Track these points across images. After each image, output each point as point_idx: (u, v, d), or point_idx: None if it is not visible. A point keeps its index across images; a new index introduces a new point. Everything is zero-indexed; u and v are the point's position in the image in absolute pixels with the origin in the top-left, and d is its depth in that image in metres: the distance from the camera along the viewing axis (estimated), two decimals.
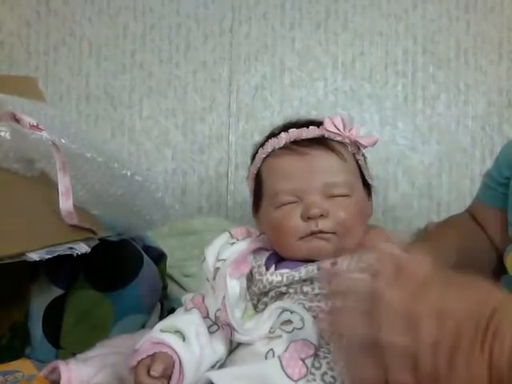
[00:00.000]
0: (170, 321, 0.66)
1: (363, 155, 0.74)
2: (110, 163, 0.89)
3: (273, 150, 0.71)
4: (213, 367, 0.64)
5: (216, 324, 0.65)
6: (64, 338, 0.90)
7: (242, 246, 0.69)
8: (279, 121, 1.49)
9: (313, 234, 0.66)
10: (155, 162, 1.49)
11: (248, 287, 0.66)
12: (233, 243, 0.69)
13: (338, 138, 0.69)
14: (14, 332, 0.89)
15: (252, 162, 0.74)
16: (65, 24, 1.51)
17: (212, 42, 1.50)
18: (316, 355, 0.59)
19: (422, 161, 1.47)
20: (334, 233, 0.66)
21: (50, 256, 0.73)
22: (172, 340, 0.61)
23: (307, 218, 0.66)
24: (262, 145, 0.74)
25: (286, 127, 0.73)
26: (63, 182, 0.81)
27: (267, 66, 1.49)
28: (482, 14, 1.47)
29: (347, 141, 0.69)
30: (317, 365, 0.59)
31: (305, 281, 0.65)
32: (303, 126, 0.71)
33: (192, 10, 1.50)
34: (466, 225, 0.99)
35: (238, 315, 0.63)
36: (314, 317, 0.62)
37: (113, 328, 0.92)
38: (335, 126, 0.69)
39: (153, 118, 1.50)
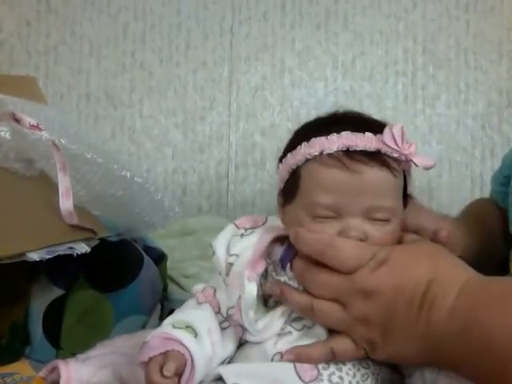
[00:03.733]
0: (181, 315, 0.64)
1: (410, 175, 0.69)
2: (109, 164, 0.89)
3: (320, 154, 0.62)
4: (222, 363, 0.63)
5: (227, 320, 0.64)
6: (64, 339, 0.90)
7: (254, 239, 0.64)
8: (279, 120, 1.51)
9: None
10: (155, 161, 1.49)
11: (261, 284, 0.64)
12: (242, 235, 0.66)
13: (395, 155, 0.62)
14: (13, 332, 0.89)
15: (290, 150, 0.66)
16: (65, 24, 1.51)
17: (212, 41, 1.50)
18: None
19: None
20: None
21: (50, 256, 0.73)
22: (184, 337, 0.60)
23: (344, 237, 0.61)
24: (305, 137, 0.65)
25: (337, 123, 0.63)
26: (63, 182, 0.81)
27: (267, 66, 1.49)
28: (482, 13, 1.47)
29: (403, 158, 0.62)
30: (325, 365, 0.59)
31: None
32: (358, 129, 0.62)
33: (192, 10, 1.50)
34: (489, 204, 0.99)
35: (251, 316, 0.61)
36: None
37: (113, 328, 0.92)
38: (394, 140, 0.61)
39: (153, 117, 1.50)
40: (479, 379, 0.52)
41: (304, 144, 0.64)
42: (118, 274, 0.93)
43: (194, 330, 0.61)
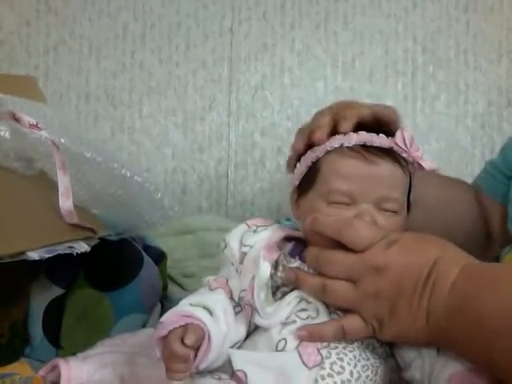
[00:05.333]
0: (197, 297, 0.66)
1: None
2: (109, 163, 0.89)
3: (340, 146, 0.69)
4: (232, 347, 0.65)
5: (239, 305, 0.66)
6: (64, 338, 0.90)
7: (267, 233, 0.69)
8: (279, 120, 1.51)
9: None
10: (155, 161, 1.49)
11: (271, 275, 0.66)
12: (255, 231, 0.70)
13: (404, 155, 0.69)
14: (13, 331, 0.89)
15: (311, 148, 0.72)
16: (65, 23, 1.51)
17: (212, 41, 1.50)
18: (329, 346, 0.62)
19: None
20: None
21: (50, 255, 0.73)
22: (201, 314, 0.61)
23: None
24: (328, 145, 0.71)
25: (355, 127, 0.71)
26: (63, 181, 0.81)
27: (267, 66, 1.49)
28: (482, 13, 1.47)
29: (411, 159, 0.69)
30: (327, 354, 0.61)
31: None
32: (373, 130, 0.70)
33: (192, 10, 1.50)
34: (462, 188, 1.01)
35: (262, 297, 0.64)
36: (329, 311, 0.65)
37: (113, 328, 0.92)
38: (404, 143, 0.69)
39: (153, 117, 1.50)
40: (471, 356, 0.56)
41: (324, 146, 0.70)
42: (117, 274, 0.93)
43: (210, 310, 0.62)
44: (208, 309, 0.62)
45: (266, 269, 0.64)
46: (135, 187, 0.91)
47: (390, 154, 0.68)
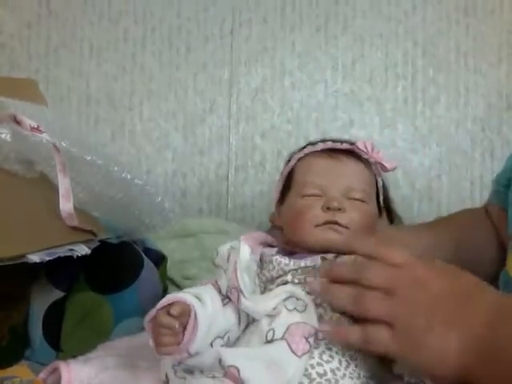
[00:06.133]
0: (187, 289, 0.69)
1: (384, 186, 0.84)
2: (109, 166, 0.89)
3: (310, 152, 0.80)
4: (222, 338, 0.66)
5: (228, 298, 0.68)
6: (64, 341, 0.90)
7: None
8: (279, 123, 1.51)
9: (328, 223, 0.74)
10: (155, 164, 1.49)
11: (257, 274, 0.71)
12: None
13: (366, 156, 0.79)
14: (13, 334, 0.89)
15: (286, 165, 0.84)
16: (65, 26, 1.51)
17: (212, 44, 1.50)
18: (316, 337, 0.64)
19: (422, 163, 1.47)
20: (347, 227, 0.74)
21: (50, 258, 0.73)
22: (188, 296, 0.64)
23: (327, 208, 0.74)
24: (298, 151, 0.83)
25: (322, 140, 0.83)
26: (63, 184, 0.81)
27: (267, 69, 1.50)
28: (482, 16, 1.47)
29: (372, 160, 0.79)
30: (316, 344, 0.63)
31: (307, 268, 0.70)
32: (337, 142, 0.81)
33: (192, 13, 1.50)
34: (473, 219, 0.99)
35: (246, 279, 0.67)
36: (316, 303, 0.67)
37: (113, 331, 0.92)
38: (365, 147, 0.79)
39: (153, 120, 1.50)
40: None
41: (295, 154, 0.82)
42: (118, 276, 0.93)
43: (197, 296, 0.65)
44: (196, 295, 0.65)
45: (245, 251, 0.69)
46: (135, 190, 0.91)
47: (352, 153, 0.79)
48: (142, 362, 0.72)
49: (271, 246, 0.77)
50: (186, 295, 0.65)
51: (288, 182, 0.81)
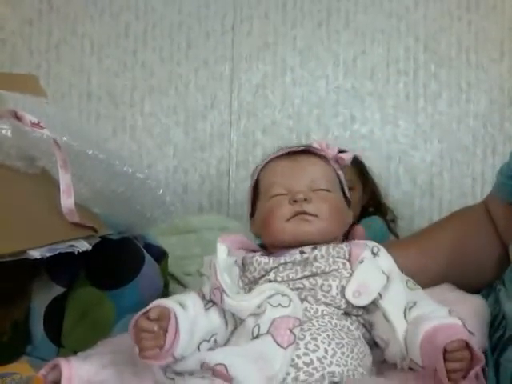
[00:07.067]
0: (170, 297, 0.70)
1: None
2: (111, 160, 0.88)
3: (271, 160, 0.84)
4: (208, 341, 0.67)
5: (211, 301, 0.69)
6: (65, 337, 0.90)
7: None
8: (280, 119, 1.51)
9: (298, 214, 0.75)
10: (156, 159, 1.49)
11: (240, 276, 0.73)
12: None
13: (322, 153, 0.82)
14: (14, 330, 0.89)
15: (251, 179, 0.86)
16: (67, 22, 1.51)
17: (213, 40, 1.50)
18: (301, 328, 0.65)
19: (424, 159, 1.47)
20: (315, 215, 0.75)
21: (51, 254, 0.73)
22: (167, 301, 0.66)
23: (294, 201, 0.76)
24: (260, 164, 0.87)
25: (279, 148, 0.86)
26: (64, 180, 0.81)
27: (269, 65, 1.49)
28: (484, 12, 1.47)
29: (330, 156, 0.82)
30: (301, 336, 0.64)
31: (287, 264, 0.72)
32: (294, 147, 0.84)
33: (193, 9, 1.50)
34: (472, 217, 0.99)
35: (226, 278, 0.69)
36: (301, 298, 0.68)
37: (114, 327, 0.91)
38: (320, 145, 0.83)
39: (154, 115, 1.50)
40: None
41: (258, 167, 0.85)
42: (119, 272, 0.93)
43: (179, 302, 0.66)
44: (178, 301, 0.66)
45: (222, 251, 0.72)
46: (137, 184, 0.91)
47: (309, 151, 0.82)
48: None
49: (254, 251, 0.78)
50: (166, 301, 0.66)
51: (256, 193, 0.83)
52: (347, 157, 0.85)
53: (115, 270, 0.93)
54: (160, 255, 1.04)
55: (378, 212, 1.35)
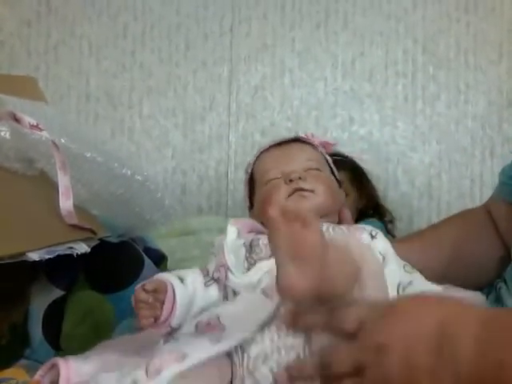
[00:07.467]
0: (173, 271, 0.74)
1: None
2: (109, 163, 0.88)
3: (262, 151, 0.89)
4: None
5: (213, 279, 0.73)
6: (64, 340, 0.89)
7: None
8: (279, 120, 1.51)
9: (296, 191, 0.80)
10: (155, 161, 1.49)
11: (246, 257, 0.75)
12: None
13: (309, 141, 0.90)
14: (13, 333, 0.89)
15: (245, 174, 0.92)
16: (65, 24, 1.51)
17: (212, 41, 1.50)
18: None
19: (422, 160, 1.47)
20: (312, 191, 0.81)
21: (50, 256, 0.72)
22: (167, 275, 0.70)
23: (289, 181, 0.81)
24: (252, 159, 0.92)
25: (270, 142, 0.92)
26: (63, 182, 0.81)
27: (267, 66, 1.49)
28: (483, 14, 1.47)
29: (316, 143, 0.90)
30: None
31: None
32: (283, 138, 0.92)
33: (192, 10, 1.50)
34: (473, 219, 0.99)
35: (233, 258, 0.73)
36: None
37: (114, 330, 0.91)
38: (306, 135, 0.91)
39: (153, 117, 1.50)
40: None
41: (251, 161, 0.90)
42: (118, 276, 0.93)
43: (179, 276, 0.70)
44: (178, 276, 0.70)
45: (232, 232, 0.76)
46: (136, 186, 0.91)
47: (297, 140, 0.89)
48: (142, 361, 0.71)
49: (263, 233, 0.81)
50: (166, 274, 0.70)
51: (252, 186, 0.89)
52: (332, 143, 0.95)
53: (115, 273, 0.93)
54: (159, 259, 1.04)
55: (376, 214, 1.35)
